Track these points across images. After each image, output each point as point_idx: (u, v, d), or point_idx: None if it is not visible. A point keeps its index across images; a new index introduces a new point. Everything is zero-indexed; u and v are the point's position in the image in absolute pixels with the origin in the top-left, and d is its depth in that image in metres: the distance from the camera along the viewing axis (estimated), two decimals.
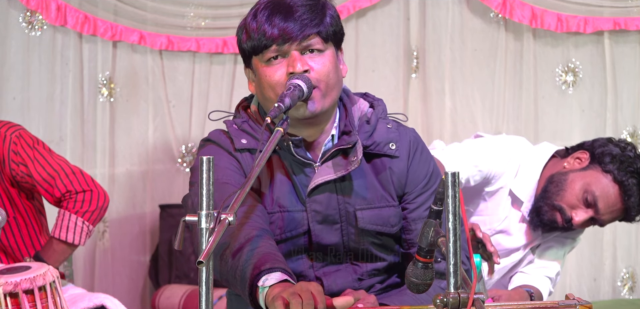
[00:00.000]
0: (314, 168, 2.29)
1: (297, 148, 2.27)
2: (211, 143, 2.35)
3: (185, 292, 4.32)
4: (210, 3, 4.55)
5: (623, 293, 5.00)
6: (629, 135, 4.97)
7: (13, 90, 4.32)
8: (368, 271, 2.33)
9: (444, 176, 1.76)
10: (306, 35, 2.21)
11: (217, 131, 2.38)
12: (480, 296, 1.71)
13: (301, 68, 2.21)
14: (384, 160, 2.32)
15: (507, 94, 4.85)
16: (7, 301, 2.59)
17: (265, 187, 2.28)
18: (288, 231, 2.27)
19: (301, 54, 2.22)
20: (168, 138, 4.60)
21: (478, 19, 4.82)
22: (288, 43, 2.22)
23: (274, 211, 2.27)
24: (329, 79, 2.23)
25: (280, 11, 2.22)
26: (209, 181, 1.85)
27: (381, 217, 2.30)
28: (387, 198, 2.31)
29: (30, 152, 3.23)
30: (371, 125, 2.32)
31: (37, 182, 3.21)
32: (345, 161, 2.27)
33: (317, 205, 2.27)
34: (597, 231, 4.95)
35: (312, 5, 2.24)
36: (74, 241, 3.24)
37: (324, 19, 2.23)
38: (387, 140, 2.32)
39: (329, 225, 2.29)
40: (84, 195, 3.25)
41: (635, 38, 4.94)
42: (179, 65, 4.60)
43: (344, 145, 2.27)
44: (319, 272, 2.31)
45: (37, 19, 4.31)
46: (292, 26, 2.20)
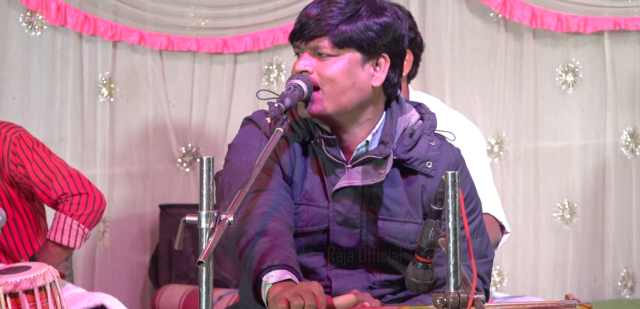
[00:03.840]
0: (345, 169, 2.28)
1: (329, 147, 2.27)
2: (252, 124, 2.36)
3: (185, 292, 4.32)
4: (210, 3, 4.55)
5: (623, 293, 5.00)
6: (629, 135, 4.97)
7: (13, 90, 4.32)
8: (381, 281, 2.32)
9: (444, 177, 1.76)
10: (313, 37, 2.21)
11: (261, 112, 2.38)
12: (480, 296, 1.71)
13: (300, 68, 2.22)
14: (419, 177, 2.30)
15: (507, 94, 4.85)
16: (7, 301, 2.59)
17: (298, 177, 2.28)
18: (310, 225, 2.27)
19: (312, 55, 2.23)
20: (168, 138, 4.60)
21: (478, 19, 4.82)
22: (299, 41, 2.24)
23: (301, 202, 2.27)
24: (332, 84, 2.22)
25: (315, 5, 2.25)
26: (209, 181, 1.86)
27: (402, 232, 2.28)
28: (413, 214, 2.29)
29: (29, 154, 3.23)
30: (413, 139, 2.29)
31: (35, 184, 3.21)
32: (375, 171, 2.25)
33: (340, 206, 2.26)
34: (598, 231, 4.96)
35: (342, 7, 2.22)
36: (69, 244, 3.24)
37: (342, 25, 2.21)
38: (426, 158, 2.29)
39: (349, 228, 2.28)
40: (79, 197, 3.25)
41: (635, 38, 4.94)
42: (179, 65, 4.60)
43: (376, 154, 2.25)
44: (332, 272, 2.30)
45: (37, 19, 4.31)
46: (306, 25, 2.22)
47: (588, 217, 4.94)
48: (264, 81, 4.63)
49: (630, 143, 4.96)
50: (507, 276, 4.87)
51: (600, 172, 4.94)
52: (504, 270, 4.87)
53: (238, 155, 2.28)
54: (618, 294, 4.99)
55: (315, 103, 2.22)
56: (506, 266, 4.87)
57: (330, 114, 2.24)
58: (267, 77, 4.64)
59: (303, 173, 2.28)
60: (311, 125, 2.29)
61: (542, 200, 4.90)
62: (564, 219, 4.92)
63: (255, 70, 4.66)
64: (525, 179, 4.88)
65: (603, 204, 4.94)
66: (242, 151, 2.29)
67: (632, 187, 4.97)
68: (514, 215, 4.82)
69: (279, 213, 2.16)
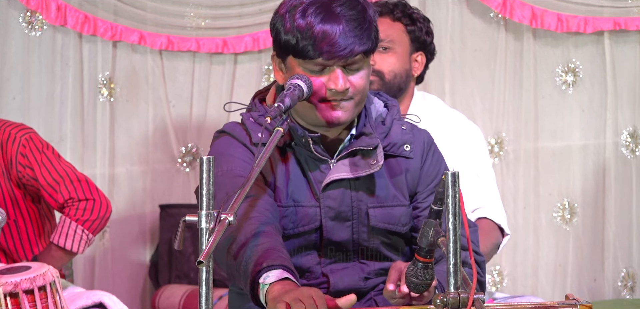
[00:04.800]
0: (329, 165, 2.29)
1: (315, 145, 2.27)
2: (226, 135, 2.35)
3: (185, 292, 4.32)
4: (210, 3, 4.55)
5: (623, 293, 5.00)
6: (629, 135, 4.97)
7: (13, 90, 4.32)
8: (375, 270, 2.34)
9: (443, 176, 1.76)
10: (353, 54, 2.21)
11: (232, 123, 2.37)
12: (480, 296, 1.72)
13: (343, 87, 2.21)
14: (400, 161, 2.34)
15: (507, 94, 4.85)
16: (7, 301, 2.59)
17: (281, 182, 2.28)
18: (301, 226, 2.27)
19: (343, 69, 2.22)
20: (168, 138, 4.60)
21: (478, 19, 4.82)
22: (334, 59, 2.20)
23: (288, 205, 2.27)
24: (363, 92, 2.26)
25: (329, 21, 2.19)
26: (209, 181, 1.85)
27: (392, 216, 2.32)
28: (399, 198, 2.33)
29: (38, 156, 3.23)
30: (387, 126, 2.34)
31: (42, 187, 3.22)
32: (364, 162, 2.28)
33: (331, 200, 2.28)
34: (598, 231, 4.96)
35: (360, 19, 2.22)
36: (72, 248, 3.24)
37: (371, 36, 2.23)
38: (403, 141, 2.34)
39: (341, 222, 2.29)
40: (86, 203, 3.25)
41: (635, 38, 4.94)
42: (179, 65, 4.60)
43: (363, 146, 2.28)
44: (326, 269, 2.31)
45: (37, 19, 4.31)
46: (341, 43, 2.19)
47: (588, 217, 4.94)
48: (264, 81, 4.63)
49: (630, 143, 4.96)
50: (507, 276, 4.87)
51: (600, 172, 4.94)
52: (504, 270, 4.87)
53: (217, 166, 2.22)
54: (618, 294, 4.99)
55: (347, 112, 2.24)
56: (506, 266, 4.87)
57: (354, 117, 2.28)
58: (267, 77, 4.64)
59: (285, 177, 2.28)
60: (294, 126, 2.29)
61: (542, 200, 4.90)
62: (564, 219, 4.92)
63: (255, 70, 4.66)
64: (525, 179, 4.88)
65: (603, 204, 4.94)
66: (220, 162, 2.26)
67: (632, 187, 4.97)
68: (514, 215, 4.82)
69: (268, 218, 2.17)
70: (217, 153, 2.30)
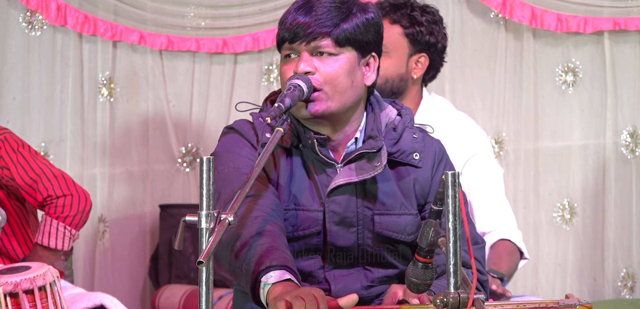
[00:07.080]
0: (335, 169, 2.28)
1: (321, 147, 2.27)
2: (234, 132, 2.35)
3: (185, 292, 4.32)
4: (210, 3, 4.55)
5: (623, 293, 5.00)
6: (629, 135, 4.97)
7: (13, 90, 4.32)
8: (379, 277, 2.32)
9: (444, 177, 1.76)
10: (315, 37, 2.21)
11: (242, 121, 2.37)
12: (480, 296, 1.72)
13: (303, 69, 2.21)
14: (409, 169, 2.32)
15: (507, 94, 4.85)
16: (7, 301, 2.59)
17: (284, 180, 2.28)
18: (301, 229, 2.27)
19: (311, 55, 2.22)
20: (168, 138, 4.60)
21: (478, 19, 4.82)
22: (297, 42, 2.22)
23: (289, 207, 2.26)
24: (335, 83, 2.22)
25: (302, 8, 2.24)
26: (209, 180, 1.85)
27: (398, 224, 2.30)
28: (407, 206, 2.31)
29: (14, 156, 3.23)
30: (397, 133, 2.32)
31: (20, 186, 3.21)
32: (369, 165, 2.26)
33: (336, 205, 2.26)
34: (598, 231, 4.96)
35: (336, 6, 2.23)
36: (56, 246, 3.24)
37: (342, 23, 2.22)
38: (412, 149, 2.32)
39: (346, 227, 2.28)
40: (64, 199, 3.24)
41: (635, 38, 4.94)
42: (179, 65, 4.60)
43: (368, 149, 2.27)
44: (330, 274, 2.30)
45: (37, 19, 4.31)
46: (304, 26, 2.21)
47: (588, 217, 4.94)
48: (264, 81, 4.63)
49: (630, 143, 4.96)
50: None
51: (600, 172, 4.94)
52: None
53: (224, 163, 2.26)
54: (618, 294, 4.99)
55: (318, 103, 2.22)
56: None
57: (334, 112, 2.24)
58: (267, 77, 4.64)
59: (289, 178, 2.28)
60: (300, 128, 2.29)
61: (542, 200, 4.90)
62: (564, 219, 4.92)
63: (255, 70, 4.66)
64: (525, 179, 4.88)
65: (603, 204, 4.94)
66: (227, 158, 2.27)
67: (632, 187, 4.97)
68: (514, 215, 4.82)
69: (272, 216, 2.16)
70: (225, 149, 2.31)
